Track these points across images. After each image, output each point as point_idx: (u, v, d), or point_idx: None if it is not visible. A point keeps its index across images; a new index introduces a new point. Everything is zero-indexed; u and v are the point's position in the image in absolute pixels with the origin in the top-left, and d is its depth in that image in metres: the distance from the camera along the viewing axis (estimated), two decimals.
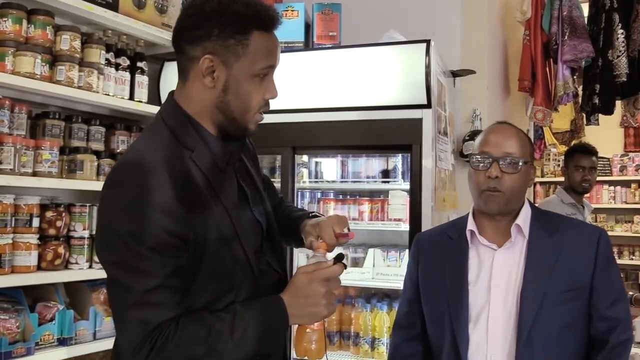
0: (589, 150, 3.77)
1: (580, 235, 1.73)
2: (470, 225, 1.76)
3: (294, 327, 1.41)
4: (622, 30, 3.39)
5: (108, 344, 2.49)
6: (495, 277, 1.70)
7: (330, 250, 1.42)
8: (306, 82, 2.86)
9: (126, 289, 1.19)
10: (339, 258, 1.36)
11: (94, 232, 2.45)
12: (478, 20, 3.51)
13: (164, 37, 2.79)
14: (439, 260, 1.79)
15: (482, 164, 1.70)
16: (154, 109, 2.84)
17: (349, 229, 1.45)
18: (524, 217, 1.74)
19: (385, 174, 3.03)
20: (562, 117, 4.84)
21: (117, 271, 1.21)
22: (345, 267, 1.36)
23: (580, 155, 3.74)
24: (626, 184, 6.65)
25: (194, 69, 1.31)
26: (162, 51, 2.96)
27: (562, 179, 4.01)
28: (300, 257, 2.96)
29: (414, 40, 2.71)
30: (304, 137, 2.87)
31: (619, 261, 5.67)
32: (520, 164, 1.69)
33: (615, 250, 6.60)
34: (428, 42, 2.67)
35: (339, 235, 1.43)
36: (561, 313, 1.64)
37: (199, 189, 1.28)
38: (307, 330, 1.36)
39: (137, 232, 1.18)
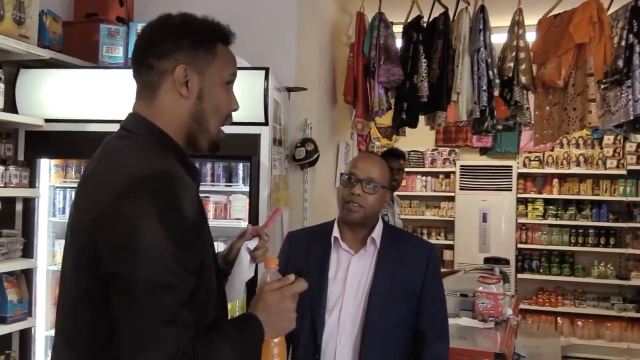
0: (397, 154, 4.47)
1: (417, 248, 2.17)
2: (335, 232, 2.13)
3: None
4: (425, 60, 4.00)
5: None
6: (350, 276, 2.07)
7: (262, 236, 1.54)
8: None
9: (157, 306, 1.10)
10: (298, 274, 1.42)
11: None
12: (310, 42, 3.99)
13: (22, 48, 2.95)
14: (305, 256, 2.13)
15: (348, 182, 2.06)
16: (9, 117, 3.00)
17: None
18: (378, 231, 2.12)
19: (229, 179, 3.45)
20: (386, 114, 5.54)
21: (143, 289, 1.10)
22: (307, 283, 1.40)
23: (390, 158, 4.38)
24: (435, 174, 7.62)
25: (165, 82, 1.29)
26: (18, 58, 3.09)
27: None
28: None
29: (255, 67, 3.16)
30: None
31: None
32: (379, 188, 2.07)
33: (425, 231, 7.62)
34: (267, 69, 3.13)
35: (265, 225, 1.58)
36: (399, 309, 2.04)
37: (202, 206, 1.26)
38: (272, 343, 1.36)
39: (168, 245, 1.11)
